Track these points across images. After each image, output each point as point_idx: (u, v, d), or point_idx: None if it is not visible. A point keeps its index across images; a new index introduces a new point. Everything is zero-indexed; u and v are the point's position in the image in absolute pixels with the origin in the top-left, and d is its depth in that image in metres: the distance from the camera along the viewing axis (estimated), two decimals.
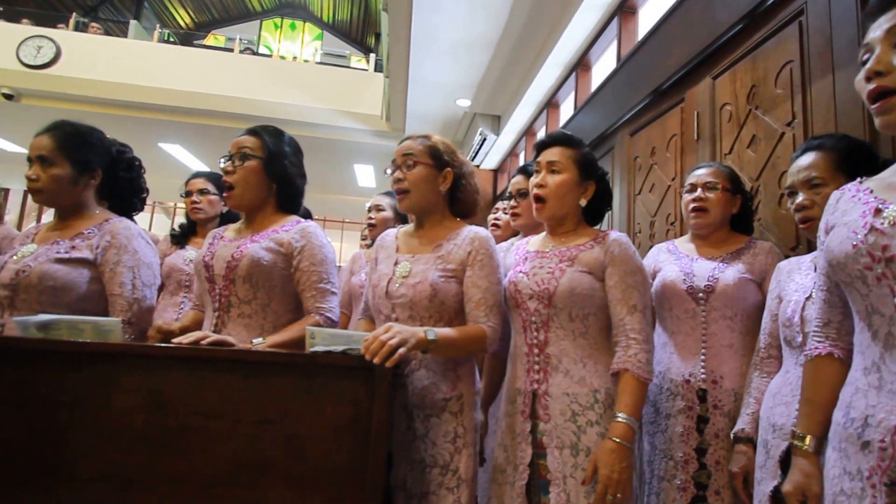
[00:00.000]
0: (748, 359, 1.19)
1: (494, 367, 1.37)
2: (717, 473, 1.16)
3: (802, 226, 1.07)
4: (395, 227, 1.31)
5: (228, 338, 1.05)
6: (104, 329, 0.98)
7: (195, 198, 1.99)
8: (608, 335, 1.13)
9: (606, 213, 1.29)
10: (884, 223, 0.70)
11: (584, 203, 1.20)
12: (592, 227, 1.23)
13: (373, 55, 7.68)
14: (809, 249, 1.25)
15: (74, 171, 1.25)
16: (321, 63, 8.56)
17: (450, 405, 1.12)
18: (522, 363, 1.15)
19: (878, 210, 0.72)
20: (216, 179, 2.02)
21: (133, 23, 7.30)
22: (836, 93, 1.29)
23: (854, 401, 0.72)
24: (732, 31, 1.70)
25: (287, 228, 1.25)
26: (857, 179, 0.81)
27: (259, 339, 1.13)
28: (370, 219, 2.12)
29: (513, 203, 1.60)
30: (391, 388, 0.90)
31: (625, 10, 2.62)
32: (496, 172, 5.20)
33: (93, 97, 5.39)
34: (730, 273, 1.23)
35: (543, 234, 1.26)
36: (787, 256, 1.25)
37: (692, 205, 1.31)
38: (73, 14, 7.06)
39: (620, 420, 1.02)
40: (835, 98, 1.29)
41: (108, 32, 7.20)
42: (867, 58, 0.72)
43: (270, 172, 1.25)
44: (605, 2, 2.65)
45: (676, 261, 1.33)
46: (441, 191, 1.20)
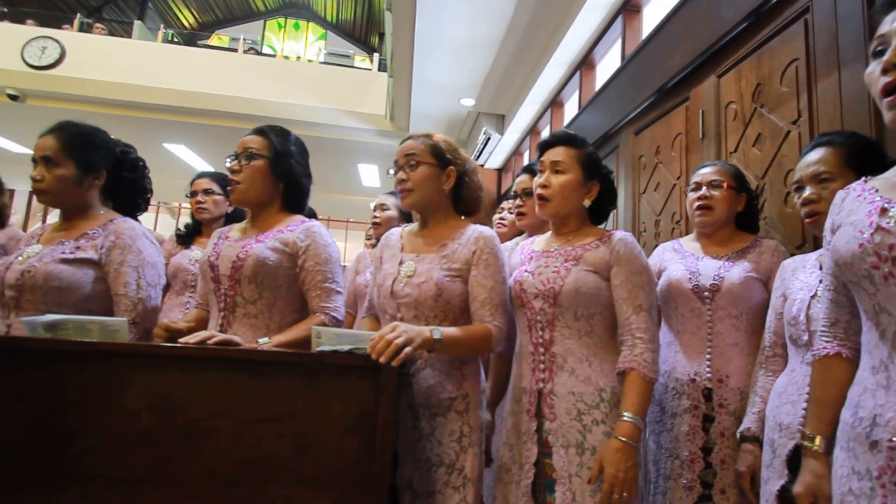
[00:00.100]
0: (754, 357, 1.18)
1: (500, 367, 1.37)
2: (723, 472, 1.16)
3: (808, 220, 1.06)
4: (400, 227, 1.31)
5: (234, 337, 1.06)
6: (111, 329, 0.99)
7: (200, 198, 2.00)
8: (613, 334, 1.13)
9: (611, 213, 1.29)
10: (890, 222, 0.69)
11: (588, 203, 1.19)
12: (597, 227, 1.23)
13: (376, 55, 7.68)
14: (815, 247, 1.25)
15: (79, 172, 1.25)
16: (325, 63, 8.58)
17: (455, 404, 1.12)
18: (528, 362, 1.15)
19: (884, 209, 0.71)
20: (221, 179, 2.03)
21: (137, 23, 7.33)
22: (842, 91, 1.28)
23: (862, 400, 0.72)
24: (737, 30, 1.69)
25: (292, 228, 1.25)
26: (862, 179, 0.80)
27: (265, 339, 1.13)
28: (375, 218, 2.12)
29: (518, 202, 1.59)
30: (397, 388, 0.91)
31: (629, 9, 2.62)
32: (500, 172, 5.19)
33: (97, 98, 5.41)
34: (735, 272, 1.23)
35: (548, 234, 1.26)
36: (793, 255, 1.24)
37: (697, 203, 1.31)
38: (78, 15, 7.10)
39: (626, 419, 1.02)
40: (841, 96, 1.29)
41: (113, 33, 7.24)
42: (881, 49, 0.71)
43: (276, 172, 1.25)
44: (609, 0, 2.64)
45: (682, 260, 1.33)
46: (444, 189, 1.19)
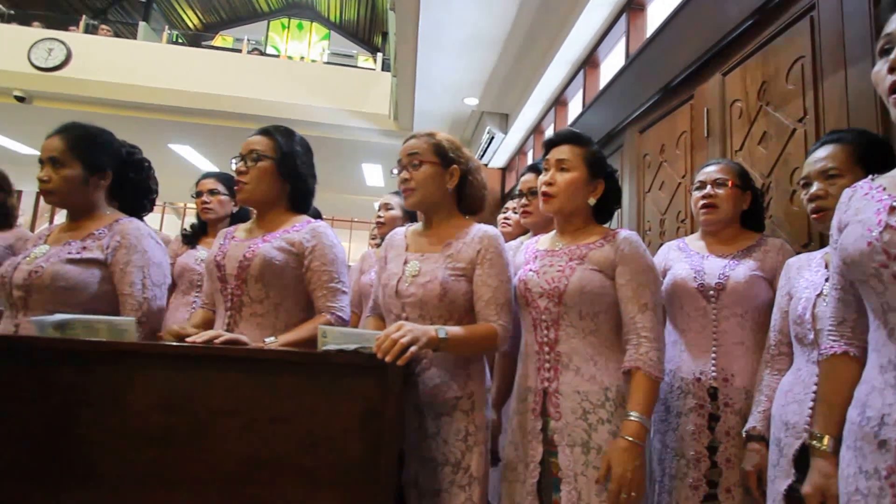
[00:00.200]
0: (759, 356, 1.18)
1: (506, 366, 1.36)
2: (728, 471, 1.16)
3: (815, 216, 1.06)
4: (405, 226, 1.31)
5: (241, 337, 1.06)
6: (119, 328, 1.00)
7: (205, 198, 2.01)
8: (618, 333, 1.12)
9: (616, 211, 1.29)
10: None
11: (594, 202, 1.19)
12: (601, 226, 1.23)
13: (380, 54, 7.69)
14: (821, 246, 1.24)
15: (85, 172, 1.26)
16: (329, 63, 8.60)
17: (461, 403, 1.12)
18: (533, 361, 1.15)
19: (893, 208, 0.71)
20: (226, 180, 2.05)
21: (142, 24, 7.36)
22: (849, 88, 1.27)
23: (870, 399, 0.72)
24: (742, 27, 1.68)
25: (298, 228, 1.25)
26: (869, 177, 0.80)
27: (271, 338, 1.14)
28: (379, 217, 2.13)
29: (524, 201, 1.59)
30: (403, 387, 0.91)
31: (633, 7, 2.61)
32: (504, 171, 5.19)
33: (103, 99, 5.44)
34: (741, 270, 1.22)
35: (553, 233, 1.26)
36: (799, 253, 1.24)
37: (702, 201, 1.30)
38: (83, 16, 7.14)
39: (633, 419, 1.02)
40: (847, 94, 1.28)
41: (118, 34, 7.28)
42: (888, 47, 0.70)
43: (283, 172, 1.26)
44: None
45: (687, 258, 1.32)
46: (448, 188, 1.19)
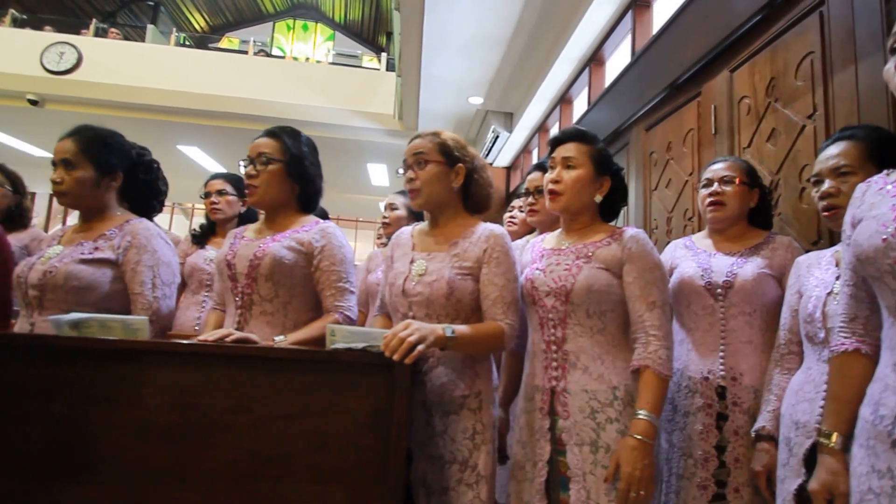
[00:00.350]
0: (768, 355, 1.17)
1: (512, 365, 1.36)
2: (737, 471, 1.15)
3: (826, 214, 1.05)
4: (411, 226, 1.32)
5: (251, 335, 1.08)
6: (133, 327, 1.02)
7: (214, 198, 2.03)
8: (626, 332, 1.12)
9: (622, 209, 1.29)
10: None
11: (600, 199, 1.19)
12: (608, 224, 1.23)
13: (384, 54, 7.70)
14: (831, 244, 1.23)
15: (97, 174, 1.28)
16: (333, 63, 8.63)
17: (468, 402, 1.12)
18: (540, 360, 1.15)
19: None
20: (234, 180, 2.07)
21: (150, 27, 7.43)
22: (859, 84, 1.26)
23: (883, 398, 0.71)
24: (751, 23, 1.67)
25: (307, 229, 1.27)
26: (884, 172, 0.79)
27: (280, 337, 1.15)
28: (384, 218, 2.14)
29: (530, 200, 1.59)
30: (410, 385, 0.91)
31: (639, 4, 2.59)
32: (509, 170, 5.18)
33: (113, 101, 5.51)
34: (749, 268, 1.21)
35: (559, 232, 1.26)
36: (808, 251, 1.22)
37: (709, 199, 1.29)
38: (93, 20, 7.22)
39: (642, 417, 1.02)
40: (857, 90, 1.27)
41: (127, 37, 7.35)
42: None
43: (292, 175, 1.27)
44: None
45: (694, 256, 1.31)
46: (454, 187, 1.20)
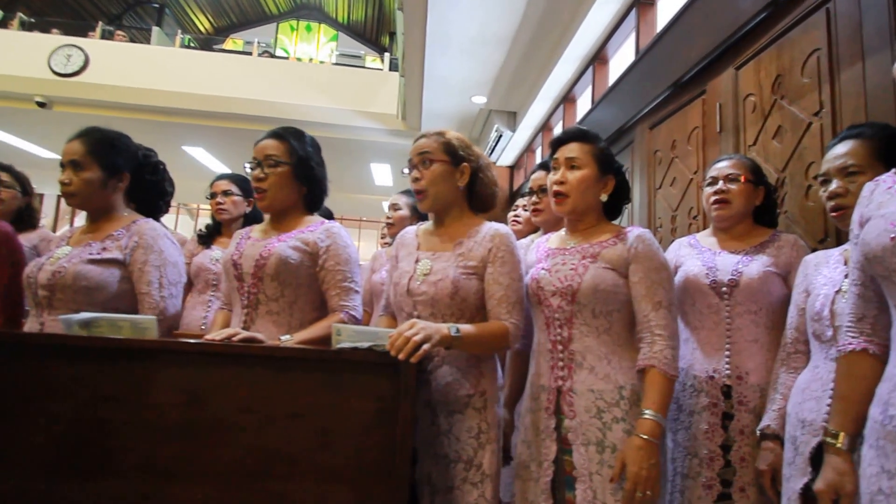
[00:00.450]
0: (774, 354, 1.16)
1: (518, 365, 1.37)
2: (742, 470, 1.15)
3: (834, 214, 1.04)
4: (416, 225, 1.32)
5: (258, 335, 1.08)
6: (141, 326, 1.03)
7: (220, 199, 2.05)
8: (632, 331, 1.12)
9: (626, 208, 1.28)
10: None
11: (605, 198, 1.19)
12: (612, 223, 1.23)
13: (387, 54, 7.71)
14: (838, 242, 1.22)
15: (104, 175, 1.30)
16: (337, 64, 8.65)
17: (473, 401, 1.13)
18: (546, 360, 1.15)
19: None
20: (239, 181, 2.09)
21: (155, 29, 7.47)
22: (867, 81, 1.25)
23: (893, 398, 0.70)
24: (756, 20, 1.66)
25: (312, 229, 1.27)
26: (893, 170, 0.78)
27: (287, 336, 1.16)
28: (388, 218, 2.15)
29: (534, 199, 1.59)
30: (416, 384, 0.92)
31: (643, 2, 2.58)
32: (512, 169, 5.17)
33: (120, 103, 5.55)
34: (754, 266, 1.21)
35: (563, 231, 1.25)
36: (815, 249, 1.22)
37: (713, 197, 1.29)
38: (100, 23, 7.27)
39: (648, 417, 1.01)
40: (865, 86, 1.26)
41: (133, 40, 7.40)
42: None
43: (300, 177, 1.28)
44: None
45: (699, 255, 1.31)
46: (459, 186, 1.20)
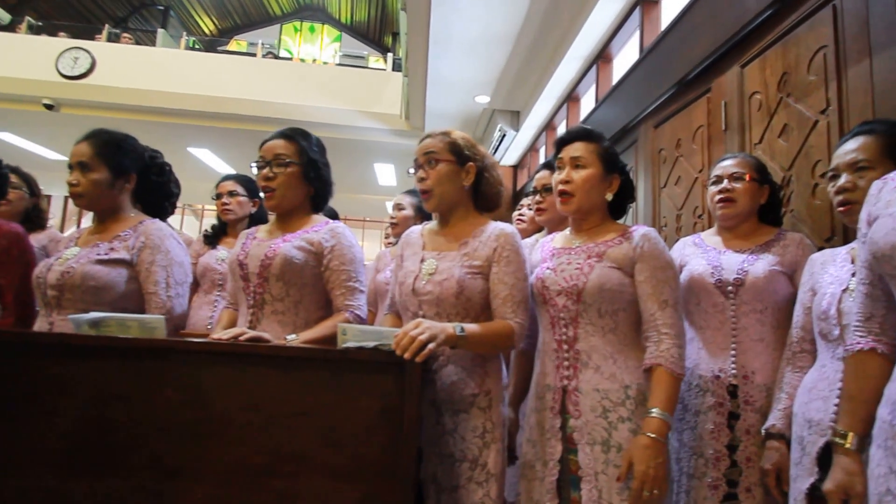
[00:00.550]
0: (780, 353, 1.16)
1: (522, 365, 1.36)
2: (749, 470, 1.14)
3: (840, 209, 1.03)
4: (421, 225, 1.32)
5: (264, 334, 1.09)
6: (149, 326, 1.04)
7: (225, 199, 2.06)
8: (638, 331, 1.12)
9: (630, 207, 1.28)
10: None
11: (611, 197, 1.19)
12: (617, 222, 1.22)
13: (390, 55, 7.72)
14: (845, 241, 1.21)
15: (111, 176, 1.31)
16: (340, 64, 8.67)
17: (478, 401, 1.13)
18: (551, 359, 1.15)
19: None
20: (244, 182, 2.10)
21: (161, 31, 7.51)
22: (874, 78, 1.24)
23: None
24: (762, 17, 1.65)
25: (317, 229, 1.28)
26: None
27: (292, 336, 1.17)
28: (392, 218, 2.15)
29: (538, 198, 1.59)
30: (421, 383, 0.92)
31: (647, 0, 2.57)
32: (516, 168, 5.17)
33: (126, 104, 5.59)
34: (760, 265, 1.20)
35: (568, 231, 1.25)
36: (821, 248, 1.21)
37: (718, 196, 1.28)
38: (106, 25, 7.33)
39: (655, 415, 1.01)
40: (872, 83, 1.25)
41: (138, 42, 7.43)
42: None
43: (309, 177, 1.29)
44: None
45: (703, 254, 1.30)
46: (465, 186, 1.20)
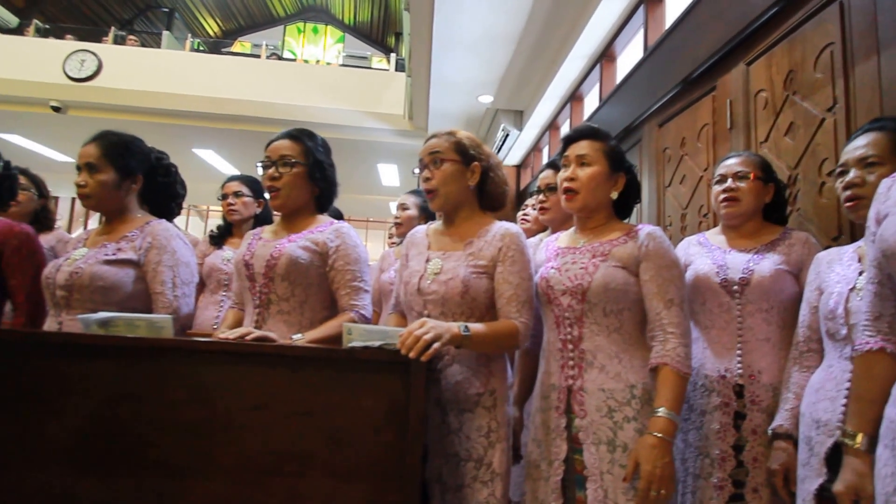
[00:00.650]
0: (786, 353, 1.15)
1: (527, 364, 1.36)
2: (755, 470, 1.13)
3: (848, 204, 1.02)
4: (426, 224, 1.32)
5: (270, 334, 1.10)
6: (157, 325, 1.05)
7: (230, 200, 2.08)
8: (643, 330, 1.12)
9: (635, 207, 1.28)
10: None
11: (616, 196, 1.19)
12: (622, 222, 1.22)
13: (393, 55, 7.74)
14: (852, 239, 1.20)
15: (118, 177, 1.32)
16: (344, 65, 8.70)
17: (483, 400, 1.13)
18: (556, 359, 1.15)
19: None
20: (250, 182, 2.11)
21: (166, 34, 7.56)
22: (882, 75, 1.23)
23: None
24: (767, 15, 1.64)
25: (322, 229, 1.29)
26: None
27: (298, 335, 1.17)
28: (396, 218, 2.16)
29: (541, 198, 1.59)
30: (426, 383, 0.92)
31: None
32: (519, 168, 5.16)
33: (132, 106, 5.63)
34: (765, 265, 1.19)
35: (573, 230, 1.25)
36: (828, 247, 1.20)
37: (723, 195, 1.28)
38: (112, 28, 7.38)
39: (661, 415, 1.01)
40: (880, 81, 1.24)
41: (144, 44, 7.49)
42: None
43: (314, 177, 1.29)
44: None
45: (708, 253, 1.30)
46: (470, 185, 1.20)
